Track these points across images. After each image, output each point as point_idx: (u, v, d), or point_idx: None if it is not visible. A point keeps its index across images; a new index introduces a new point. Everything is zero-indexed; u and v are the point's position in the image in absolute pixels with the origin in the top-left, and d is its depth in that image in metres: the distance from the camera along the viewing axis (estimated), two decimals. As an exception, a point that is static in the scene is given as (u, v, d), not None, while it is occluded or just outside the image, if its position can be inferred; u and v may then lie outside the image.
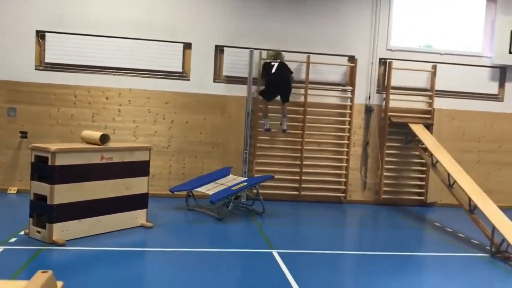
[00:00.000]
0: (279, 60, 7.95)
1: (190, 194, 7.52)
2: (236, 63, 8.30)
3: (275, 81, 7.91)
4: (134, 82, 8.13)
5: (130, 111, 8.15)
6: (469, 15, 9.01)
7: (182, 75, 8.28)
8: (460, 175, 6.94)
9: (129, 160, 6.00)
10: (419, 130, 8.28)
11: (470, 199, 6.48)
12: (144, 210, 6.22)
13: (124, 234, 5.81)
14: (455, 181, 6.91)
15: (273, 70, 7.88)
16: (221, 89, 8.35)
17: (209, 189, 7.22)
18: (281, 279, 4.59)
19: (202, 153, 8.33)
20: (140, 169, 6.14)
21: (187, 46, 8.24)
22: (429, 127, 8.57)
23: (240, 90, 8.31)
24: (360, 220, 8.09)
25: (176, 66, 8.21)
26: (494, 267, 5.44)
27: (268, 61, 8.03)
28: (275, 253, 5.40)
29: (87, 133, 6.02)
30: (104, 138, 5.78)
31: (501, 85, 8.98)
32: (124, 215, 5.97)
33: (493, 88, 8.96)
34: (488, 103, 8.95)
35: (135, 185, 6.09)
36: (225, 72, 8.35)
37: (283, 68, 7.94)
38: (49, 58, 7.90)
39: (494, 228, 5.83)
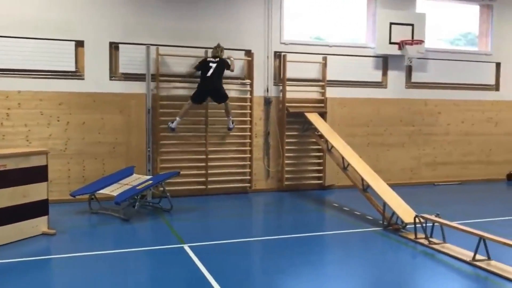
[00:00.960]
0: (218, 59, 7.93)
1: (93, 197, 7.28)
2: (133, 60, 8.14)
3: (207, 88, 7.94)
4: (23, 84, 7.63)
5: (20, 114, 7.65)
6: (353, 9, 9.70)
7: (76, 74, 7.94)
8: (352, 158, 7.51)
9: (25, 166, 5.68)
10: (314, 118, 8.78)
11: (363, 179, 7.05)
12: (45, 217, 5.94)
13: (25, 244, 5.52)
14: (349, 164, 7.47)
15: (209, 73, 7.84)
16: (119, 87, 8.15)
17: (112, 190, 7.05)
18: (195, 272, 4.68)
19: (103, 154, 8.08)
20: (37, 174, 5.84)
21: (79, 44, 7.91)
22: (323, 115, 9.12)
23: (139, 87, 8.17)
24: (265, 207, 8.41)
25: (68, 65, 7.85)
26: (387, 239, 6.00)
27: (208, 59, 7.95)
28: (186, 247, 5.46)
29: None
30: None
31: (384, 73, 9.81)
32: (24, 224, 5.66)
33: (377, 76, 9.75)
34: (374, 90, 9.73)
35: (33, 192, 5.79)
36: (121, 70, 8.15)
37: (221, 68, 7.93)
38: None
39: (385, 204, 6.42)
